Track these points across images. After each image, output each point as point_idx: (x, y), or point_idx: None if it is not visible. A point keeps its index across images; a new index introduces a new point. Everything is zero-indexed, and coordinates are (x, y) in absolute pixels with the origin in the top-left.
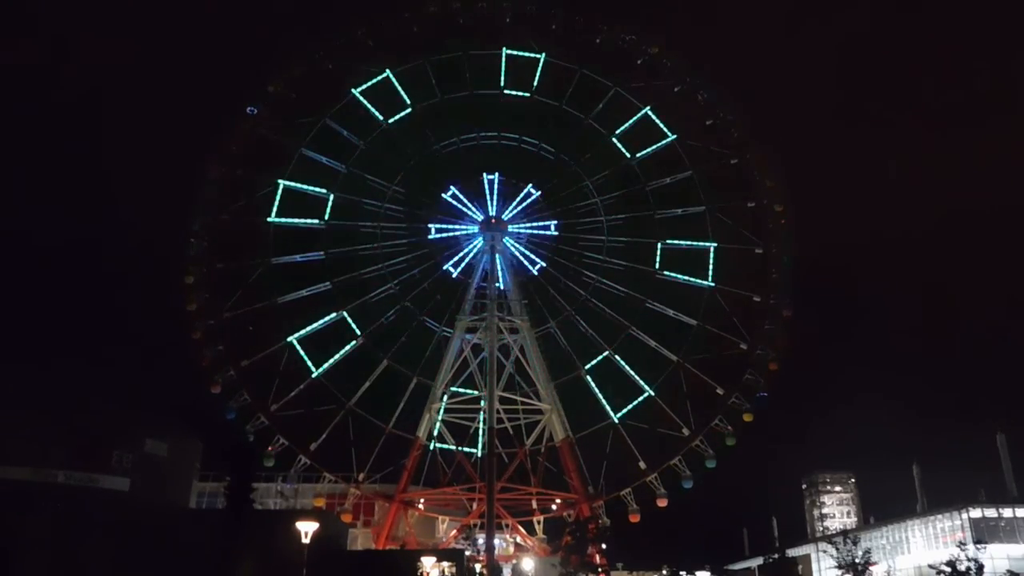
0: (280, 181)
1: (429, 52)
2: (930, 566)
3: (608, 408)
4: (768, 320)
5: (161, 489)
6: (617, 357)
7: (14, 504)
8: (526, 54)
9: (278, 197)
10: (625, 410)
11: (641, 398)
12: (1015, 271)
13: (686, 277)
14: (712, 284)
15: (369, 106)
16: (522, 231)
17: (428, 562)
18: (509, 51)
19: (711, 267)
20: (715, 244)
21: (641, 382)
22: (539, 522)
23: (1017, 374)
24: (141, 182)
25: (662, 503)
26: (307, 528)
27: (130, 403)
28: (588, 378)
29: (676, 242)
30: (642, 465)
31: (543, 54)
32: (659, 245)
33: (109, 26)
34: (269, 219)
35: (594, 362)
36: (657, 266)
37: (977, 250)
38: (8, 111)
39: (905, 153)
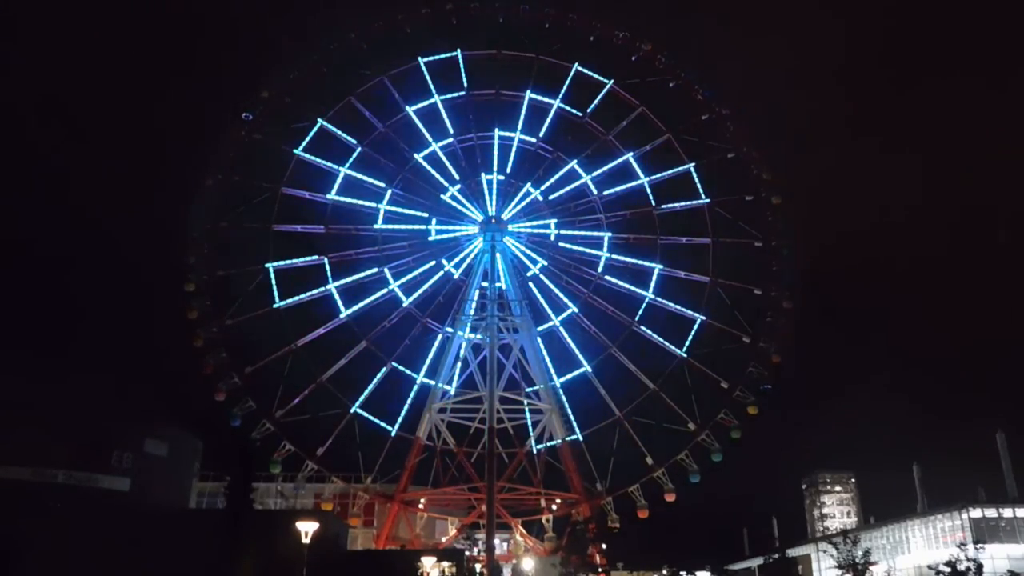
0: (278, 186)
1: (424, 53)
2: (929, 567)
3: (613, 405)
4: (770, 313)
5: (161, 489)
6: (621, 354)
7: (14, 504)
8: (521, 53)
9: (276, 202)
10: (630, 406)
11: (646, 394)
12: (1016, 270)
13: (687, 272)
14: (713, 278)
15: (365, 109)
16: (522, 230)
17: (428, 562)
18: (504, 51)
19: (711, 261)
20: (715, 238)
21: (645, 379)
22: (548, 520)
23: (1017, 374)
24: (140, 184)
25: (670, 498)
26: (307, 528)
27: (130, 403)
28: (593, 375)
29: (676, 237)
30: (649, 461)
31: (537, 53)
32: (659, 241)
33: (106, 29)
34: (268, 224)
35: (598, 359)
36: (658, 262)
37: (978, 249)
38: (8, 111)
39: (907, 149)
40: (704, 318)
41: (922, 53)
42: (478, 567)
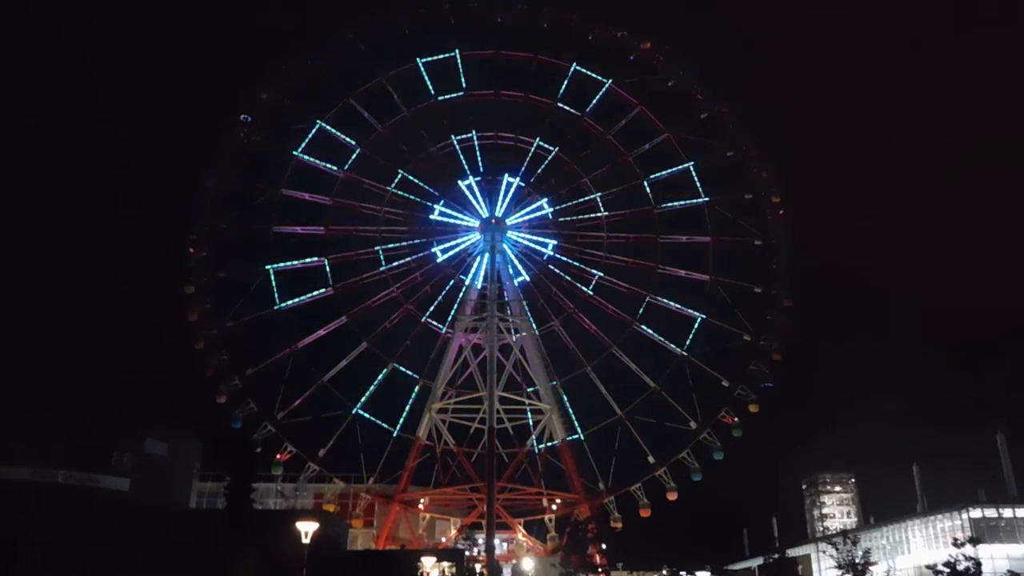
0: (278, 188)
1: (422, 54)
2: (927, 567)
3: (614, 404)
4: (770, 310)
5: (161, 489)
6: (621, 353)
7: (14, 504)
8: (519, 53)
9: (276, 204)
10: (631, 405)
11: (647, 393)
12: (1016, 270)
13: (687, 271)
14: (713, 277)
15: (363, 110)
16: (521, 230)
17: (428, 562)
18: (502, 51)
19: (711, 260)
20: (715, 237)
21: (646, 378)
22: (550, 520)
23: (1017, 374)
24: (141, 185)
25: (672, 496)
26: (307, 528)
27: (130, 403)
28: (593, 375)
29: (676, 236)
30: (651, 459)
31: (536, 52)
32: (659, 240)
33: (104, 29)
34: (268, 226)
35: (599, 358)
36: (658, 261)
37: (978, 249)
38: (11, 115)
39: (907, 149)
40: (704, 317)
41: (924, 51)
42: (478, 567)
